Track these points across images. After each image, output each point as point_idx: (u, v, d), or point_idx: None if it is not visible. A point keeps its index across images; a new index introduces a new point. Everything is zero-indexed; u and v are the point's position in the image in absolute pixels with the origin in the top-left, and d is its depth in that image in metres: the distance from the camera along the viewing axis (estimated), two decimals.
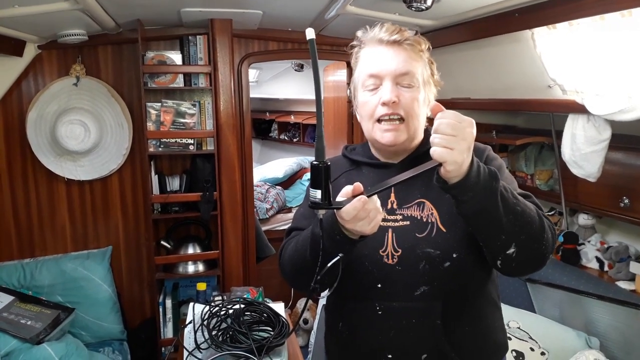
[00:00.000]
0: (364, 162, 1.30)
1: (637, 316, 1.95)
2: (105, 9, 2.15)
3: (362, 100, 1.22)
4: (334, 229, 1.04)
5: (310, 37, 0.96)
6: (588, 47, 1.84)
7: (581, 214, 2.54)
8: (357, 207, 0.98)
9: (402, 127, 1.17)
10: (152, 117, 2.63)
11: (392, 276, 1.15)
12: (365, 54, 1.23)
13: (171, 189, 2.76)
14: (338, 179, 1.30)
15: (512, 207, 1.00)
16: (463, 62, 2.56)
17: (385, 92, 1.16)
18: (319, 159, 0.98)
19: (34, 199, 2.82)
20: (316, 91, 0.98)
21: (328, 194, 0.98)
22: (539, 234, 1.05)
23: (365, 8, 2.11)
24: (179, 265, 2.78)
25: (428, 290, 1.13)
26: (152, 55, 2.60)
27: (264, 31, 2.80)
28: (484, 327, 1.19)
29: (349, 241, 1.05)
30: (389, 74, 1.16)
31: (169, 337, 2.74)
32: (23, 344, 2.17)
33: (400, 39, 1.17)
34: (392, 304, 1.15)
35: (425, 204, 1.17)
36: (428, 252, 1.13)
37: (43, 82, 2.71)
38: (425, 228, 1.15)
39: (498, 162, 1.22)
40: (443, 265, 1.12)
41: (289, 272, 1.26)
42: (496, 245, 1.04)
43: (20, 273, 2.66)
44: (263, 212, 4.17)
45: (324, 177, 0.98)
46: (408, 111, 1.17)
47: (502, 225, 1.00)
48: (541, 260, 1.10)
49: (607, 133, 1.96)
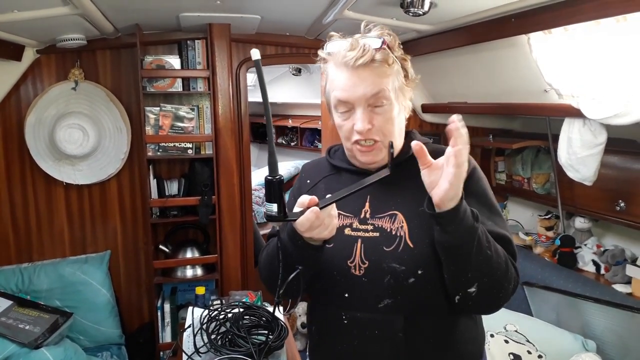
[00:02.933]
0: (343, 167, 1.31)
1: (633, 319, 1.96)
2: (104, 13, 2.16)
3: (337, 123, 1.21)
4: (295, 236, 1.08)
5: (255, 58, 0.99)
6: (584, 52, 1.86)
7: (577, 217, 2.55)
8: (310, 218, 1.01)
9: (379, 146, 1.18)
10: (151, 121, 2.63)
11: (358, 287, 1.16)
12: (332, 72, 1.19)
13: (170, 193, 2.76)
14: (318, 184, 1.32)
15: (483, 250, 1.03)
16: (460, 66, 2.58)
17: (357, 121, 1.14)
18: (272, 174, 1.03)
19: (32, 203, 2.82)
20: (265, 109, 1.01)
21: (283, 207, 1.02)
22: (501, 281, 1.08)
23: (363, 13, 2.12)
24: (177, 270, 2.79)
25: (391, 303, 1.14)
26: (151, 59, 2.61)
27: (262, 36, 2.81)
28: (451, 340, 1.18)
29: (310, 247, 1.09)
30: (358, 100, 1.13)
31: (167, 342, 2.74)
32: (21, 349, 2.17)
33: (366, 61, 1.11)
34: (357, 314, 1.17)
35: (398, 216, 1.18)
36: (393, 267, 1.13)
37: (42, 87, 2.72)
38: (393, 241, 1.15)
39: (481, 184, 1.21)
40: (407, 280, 1.13)
41: (264, 278, 1.31)
42: (460, 280, 1.07)
43: (19, 277, 2.66)
44: (261, 216, 4.17)
45: (278, 190, 1.02)
46: (384, 133, 1.16)
47: (471, 264, 1.03)
48: (496, 306, 1.13)
49: (602, 137, 1.98)
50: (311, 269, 1.15)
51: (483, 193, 1.20)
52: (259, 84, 1.01)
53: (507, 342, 2.14)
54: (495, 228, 1.15)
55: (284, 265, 1.10)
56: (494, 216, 1.19)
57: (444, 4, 1.90)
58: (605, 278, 2.28)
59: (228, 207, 2.74)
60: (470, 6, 1.94)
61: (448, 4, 1.92)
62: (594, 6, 1.57)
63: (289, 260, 1.11)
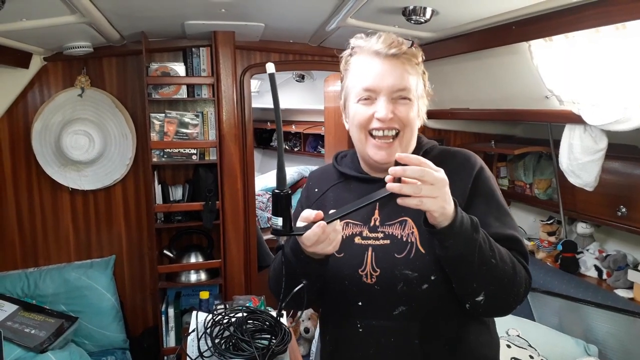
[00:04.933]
0: (352, 175, 1.29)
1: (635, 324, 1.97)
2: (110, 22, 2.19)
3: (354, 111, 1.19)
4: (298, 250, 1.08)
5: (270, 72, 0.98)
6: (584, 58, 1.87)
7: (579, 223, 2.56)
8: (317, 233, 1.01)
9: (395, 144, 1.17)
10: (156, 127, 2.66)
11: (371, 295, 1.16)
12: (358, 63, 1.19)
13: (174, 198, 2.78)
14: (326, 193, 1.30)
15: (487, 259, 1.02)
16: (462, 73, 2.60)
17: (380, 108, 1.14)
18: (280, 188, 1.02)
19: (38, 209, 2.84)
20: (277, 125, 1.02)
21: (289, 221, 1.02)
22: (510, 287, 1.07)
23: (366, 21, 2.14)
24: (181, 274, 2.80)
25: (406, 310, 1.13)
26: (156, 66, 2.64)
27: (265, 43, 2.84)
28: (466, 345, 1.17)
29: (313, 261, 1.09)
30: (385, 90, 1.14)
31: (171, 346, 2.75)
32: (27, 353, 2.18)
33: (398, 52, 1.14)
34: (372, 322, 1.16)
35: (408, 222, 1.17)
36: (406, 273, 1.12)
37: (48, 93, 2.75)
38: (404, 248, 1.14)
39: (489, 184, 1.20)
40: (421, 287, 1.12)
41: (272, 288, 1.31)
42: (467, 291, 1.07)
43: (24, 282, 2.68)
44: (264, 221, 4.19)
45: (285, 205, 1.02)
46: (404, 123, 1.16)
47: (475, 274, 1.03)
48: (507, 310, 1.13)
49: (603, 143, 1.99)
50: (316, 283, 1.15)
51: (490, 193, 1.19)
52: (272, 99, 1.00)
53: (509, 347, 2.14)
54: (504, 229, 1.14)
55: (287, 278, 1.11)
56: (502, 216, 1.18)
57: (446, 12, 1.92)
58: (607, 283, 2.29)
59: (232, 212, 2.76)
60: (471, 14, 1.95)
61: (449, 12, 1.93)
62: (595, 14, 1.58)
63: (292, 274, 1.11)
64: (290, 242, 1.12)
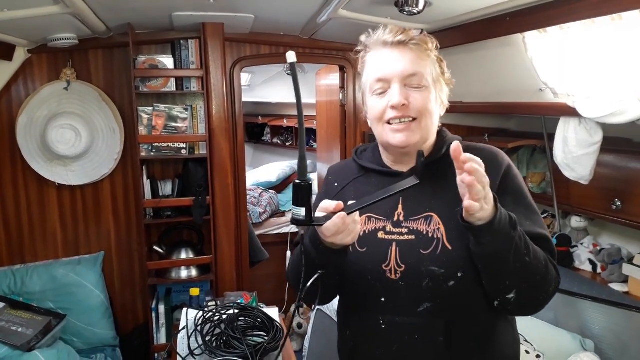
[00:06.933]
0: (372, 169, 1.28)
1: (630, 318, 1.96)
2: (96, 13, 2.14)
3: (371, 105, 1.19)
4: (317, 240, 1.08)
5: (291, 61, 0.96)
6: (579, 50, 1.85)
7: (574, 217, 2.55)
8: (337, 224, 1.01)
9: (414, 126, 1.14)
10: (144, 121, 2.61)
11: (395, 291, 1.14)
12: (371, 58, 1.20)
13: (163, 193, 2.74)
14: (346, 187, 1.29)
15: (521, 257, 1.02)
16: (455, 65, 2.54)
17: (394, 95, 1.13)
18: (302, 178, 1.01)
19: (24, 205, 2.79)
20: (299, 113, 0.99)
21: (310, 212, 1.01)
22: (541, 285, 1.08)
23: (358, 12, 2.11)
24: (171, 271, 2.77)
25: (431, 307, 1.12)
26: (144, 59, 2.59)
27: (256, 35, 2.80)
28: (491, 343, 1.17)
29: (332, 251, 1.08)
30: (396, 76, 1.13)
31: (162, 343, 2.72)
32: (14, 351, 2.15)
33: (405, 39, 1.14)
34: (395, 319, 1.14)
35: (433, 218, 1.15)
36: (432, 270, 1.11)
37: (33, 87, 2.69)
38: (430, 244, 1.13)
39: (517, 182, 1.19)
40: (447, 284, 1.10)
41: (291, 280, 1.30)
42: (498, 287, 1.07)
43: (11, 279, 2.63)
44: (256, 216, 4.15)
45: (306, 195, 1.01)
46: (420, 111, 1.14)
47: (509, 271, 1.02)
48: (537, 308, 1.13)
49: (598, 136, 1.97)
50: (335, 274, 1.14)
51: (519, 191, 1.18)
52: (294, 88, 0.98)
53: None
54: (534, 228, 1.13)
55: (306, 269, 1.09)
56: (532, 215, 1.16)
57: (439, 3, 1.89)
58: (601, 277, 2.29)
59: (222, 208, 2.72)
60: (464, 5, 1.93)
61: (442, 3, 1.91)
62: (589, 5, 1.57)
63: (311, 265, 1.09)
64: (309, 233, 1.11)
